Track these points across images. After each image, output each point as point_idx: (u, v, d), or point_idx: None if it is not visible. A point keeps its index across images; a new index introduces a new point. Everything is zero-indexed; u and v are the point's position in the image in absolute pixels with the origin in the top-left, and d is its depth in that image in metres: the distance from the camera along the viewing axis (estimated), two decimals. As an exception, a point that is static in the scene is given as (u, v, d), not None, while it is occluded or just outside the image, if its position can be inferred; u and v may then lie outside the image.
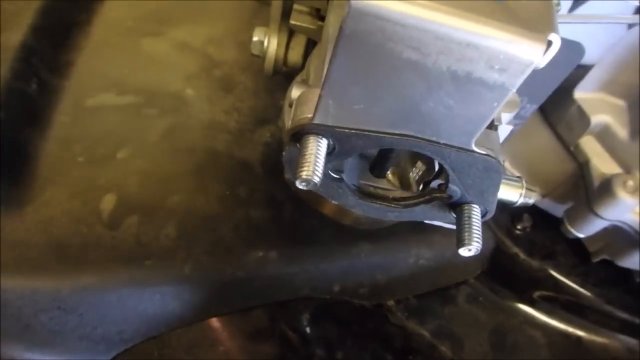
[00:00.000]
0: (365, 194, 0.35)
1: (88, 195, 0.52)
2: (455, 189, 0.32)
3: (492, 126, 0.33)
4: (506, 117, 0.34)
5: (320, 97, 0.28)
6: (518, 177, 0.39)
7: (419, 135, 0.29)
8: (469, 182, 0.31)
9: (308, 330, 0.56)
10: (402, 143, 0.29)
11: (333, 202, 0.36)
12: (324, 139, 0.30)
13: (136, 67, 0.65)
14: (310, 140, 0.29)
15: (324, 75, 0.28)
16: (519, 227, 0.66)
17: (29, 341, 0.49)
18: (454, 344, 0.62)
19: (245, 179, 0.59)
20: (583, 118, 0.56)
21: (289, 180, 0.52)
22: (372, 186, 0.37)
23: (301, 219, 0.57)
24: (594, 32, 0.47)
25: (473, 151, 0.29)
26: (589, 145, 0.57)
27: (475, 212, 0.33)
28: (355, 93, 0.27)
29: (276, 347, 0.55)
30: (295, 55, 0.52)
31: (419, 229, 0.62)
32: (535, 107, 0.52)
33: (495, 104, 0.26)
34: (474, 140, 0.29)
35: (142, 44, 0.68)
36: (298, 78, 0.41)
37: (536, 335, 0.63)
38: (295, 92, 0.34)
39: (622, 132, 0.54)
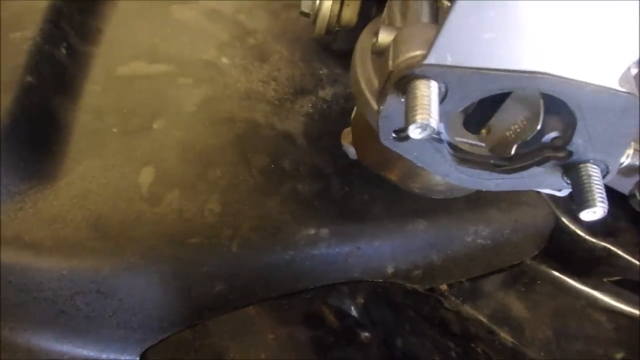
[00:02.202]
0: (464, 159, 0.31)
1: (125, 169, 0.47)
2: (579, 143, 0.28)
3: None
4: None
5: (444, 25, 0.23)
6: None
7: (554, 73, 0.24)
8: (598, 131, 0.27)
9: (363, 315, 0.52)
10: (532, 83, 0.25)
11: (424, 169, 0.32)
12: (434, 82, 0.25)
13: (167, 35, 0.61)
14: (422, 84, 0.25)
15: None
16: (579, 203, 0.61)
17: (61, 329, 0.45)
18: (514, 329, 0.57)
19: (289, 151, 0.54)
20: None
21: (349, 145, 0.48)
22: (469, 144, 0.32)
23: (350, 194, 0.53)
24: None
25: (616, 89, 0.24)
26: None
27: (595, 171, 0.29)
28: (490, 15, 0.22)
29: (330, 333, 0.50)
30: (350, 12, 0.47)
31: (476, 205, 0.57)
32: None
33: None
34: (619, 76, 0.24)
35: (171, 12, 0.64)
36: (370, 27, 0.36)
37: (601, 320, 0.59)
38: (385, 35, 0.29)
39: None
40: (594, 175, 0.28)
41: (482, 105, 0.31)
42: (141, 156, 0.49)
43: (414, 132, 0.24)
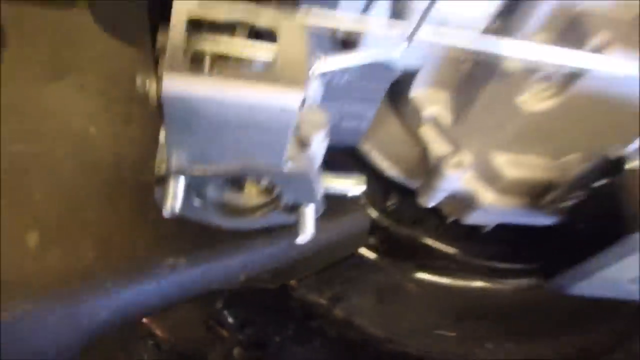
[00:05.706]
0: (227, 210, 0.48)
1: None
2: (288, 197, 0.45)
3: (305, 146, 0.45)
4: (317, 137, 0.46)
5: (167, 146, 0.40)
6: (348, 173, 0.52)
7: (250, 164, 0.41)
8: (294, 191, 0.44)
9: (224, 313, 0.69)
10: (238, 171, 0.42)
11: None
12: (181, 177, 0.42)
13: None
14: (169, 182, 0.41)
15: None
16: (389, 203, 0.80)
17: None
18: (346, 305, 0.75)
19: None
20: (416, 112, 0.69)
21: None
22: (236, 198, 0.50)
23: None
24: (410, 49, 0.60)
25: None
26: (426, 133, 0.69)
27: (309, 209, 0.47)
28: (192, 140, 0.39)
29: (202, 329, 0.67)
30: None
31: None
32: (373, 111, 0.65)
33: (282, 138, 0.39)
34: (286, 163, 0.42)
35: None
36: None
37: (411, 287, 0.78)
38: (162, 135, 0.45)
39: (448, 118, 0.67)
40: (307, 212, 0.46)
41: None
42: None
43: (167, 215, 0.41)
